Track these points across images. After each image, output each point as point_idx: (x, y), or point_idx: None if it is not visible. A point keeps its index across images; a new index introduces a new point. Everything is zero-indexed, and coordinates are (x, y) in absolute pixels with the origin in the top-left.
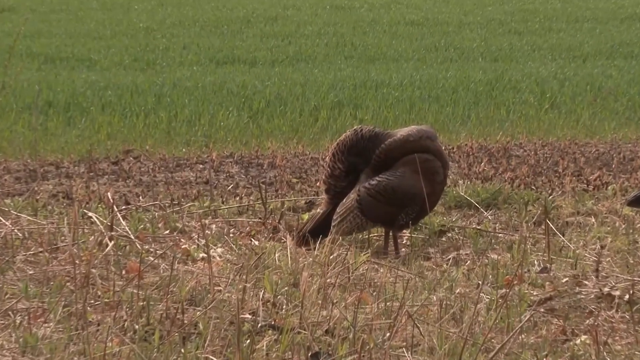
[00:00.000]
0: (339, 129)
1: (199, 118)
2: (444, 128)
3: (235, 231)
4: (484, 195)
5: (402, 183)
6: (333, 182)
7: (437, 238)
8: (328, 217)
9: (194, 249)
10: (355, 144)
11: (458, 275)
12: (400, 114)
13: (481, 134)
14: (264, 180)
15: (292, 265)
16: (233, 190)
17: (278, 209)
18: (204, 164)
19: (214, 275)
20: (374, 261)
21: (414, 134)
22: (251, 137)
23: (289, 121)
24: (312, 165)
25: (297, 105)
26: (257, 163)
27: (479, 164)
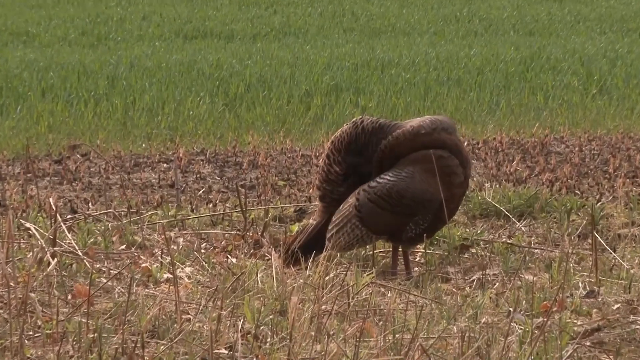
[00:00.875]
0: (336, 119)
1: (162, 106)
2: (466, 118)
3: (207, 246)
4: (516, 201)
5: (410, 186)
6: (329, 188)
7: (458, 254)
8: (322, 229)
9: (157, 268)
10: (355, 140)
11: (484, 301)
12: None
13: (513, 125)
14: (243, 183)
15: (279, 289)
16: (205, 195)
17: (261, 218)
18: (168, 163)
19: (182, 300)
20: (380, 283)
21: (426, 125)
22: (227, 129)
23: (274, 110)
24: (304, 164)
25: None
26: (235, 162)
27: (510, 163)
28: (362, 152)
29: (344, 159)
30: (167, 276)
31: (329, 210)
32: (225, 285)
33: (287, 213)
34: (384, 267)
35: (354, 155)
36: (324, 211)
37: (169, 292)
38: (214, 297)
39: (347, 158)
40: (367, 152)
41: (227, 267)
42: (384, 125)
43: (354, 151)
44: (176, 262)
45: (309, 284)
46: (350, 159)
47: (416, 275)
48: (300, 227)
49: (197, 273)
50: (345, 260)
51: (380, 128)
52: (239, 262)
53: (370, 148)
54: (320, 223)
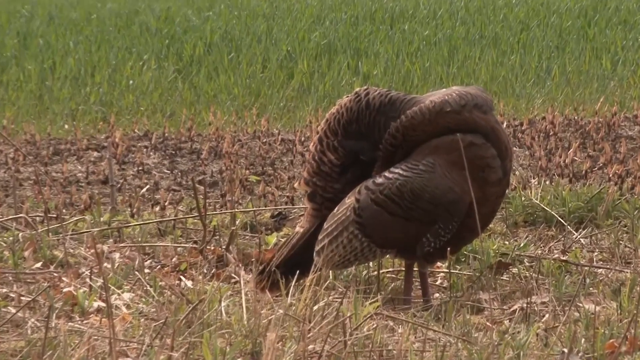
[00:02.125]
0: (329, 91)
1: (91, 73)
2: (505, 90)
3: (153, 264)
4: (574, 203)
5: (429, 183)
6: (321, 183)
7: (493, 276)
8: (311, 240)
9: (84, 294)
10: (357, 119)
11: (529, 339)
12: (432, 66)
13: (569, 100)
14: (201, 179)
15: (250, 322)
16: (150, 195)
17: (226, 227)
18: (100, 151)
19: (118, 338)
20: (388, 314)
21: (453, 100)
22: (180, 104)
23: (243, 79)
24: (284, 152)
25: (257, 52)
26: (191, 149)
27: (565, 151)
28: (366, 136)
29: (341, 143)
30: (98, 305)
31: (320, 214)
32: (177, 318)
33: (261, 219)
34: (394, 293)
35: (355, 139)
36: (314, 215)
37: (101, 327)
38: (161, 334)
39: (346, 143)
40: (373, 136)
41: (179, 293)
42: (395, 99)
43: (355, 134)
44: (111, 286)
45: (292, 315)
46: (349, 144)
47: (437, 304)
48: (280, 238)
49: (138, 301)
50: (340, 283)
51: (391, 104)
52: (196, 286)
53: (377, 130)
54: (308, 232)
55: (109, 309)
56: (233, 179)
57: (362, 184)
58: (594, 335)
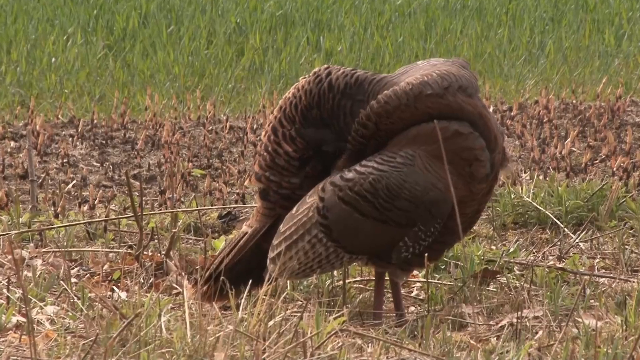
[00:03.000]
0: (286, 71)
1: (6, 49)
2: (492, 69)
3: (81, 272)
4: (572, 202)
5: (407, 178)
6: (275, 178)
7: (478, 286)
8: (262, 242)
9: (0, 307)
10: (319, 103)
11: (519, 359)
12: (407, 40)
13: (566, 81)
14: (137, 173)
15: (195, 340)
16: (77, 191)
17: (166, 229)
18: (17, 140)
19: (41, 358)
20: (355, 331)
21: (433, 81)
22: (112, 86)
23: (185, 56)
24: (233, 141)
25: (201, 25)
26: (124, 138)
27: (562, 141)
28: (329, 123)
29: (299, 132)
30: (17, 320)
31: (274, 213)
32: (109, 335)
33: (207, 220)
34: (362, 306)
35: (316, 126)
36: (266, 215)
37: (21, 345)
38: (91, 353)
39: (305, 131)
40: (338, 123)
41: (112, 306)
42: (363, 80)
43: (316, 121)
44: (32, 298)
45: (243, 332)
46: (309, 133)
47: (412, 319)
48: (230, 241)
49: (64, 315)
50: (300, 294)
51: (357, 85)
52: (132, 298)
53: (342, 117)
54: (258, 233)
55: (29, 324)
56: (174, 173)
57: (326, 180)
58: (595, 356)
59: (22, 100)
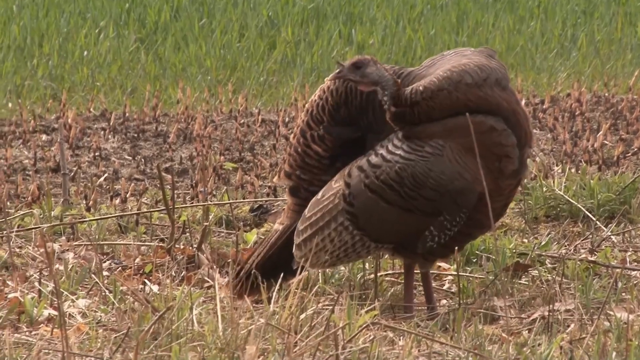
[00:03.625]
0: (317, 64)
1: (39, 42)
2: (524, 62)
3: (113, 266)
4: (603, 195)
5: (434, 167)
6: (306, 177)
7: (510, 279)
8: (293, 239)
9: (33, 300)
10: (346, 102)
11: (551, 353)
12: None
13: (598, 74)
14: (169, 166)
15: (227, 333)
16: (108, 184)
17: (197, 222)
18: (50, 133)
19: (72, 351)
20: (387, 324)
21: (473, 71)
22: (144, 79)
23: (217, 49)
24: (265, 135)
25: (233, 18)
26: (156, 131)
27: (594, 134)
28: (358, 118)
29: (328, 131)
30: (48, 313)
31: (304, 209)
32: (141, 328)
33: (239, 213)
34: (394, 299)
35: (345, 124)
36: (297, 211)
37: (53, 339)
38: (123, 346)
39: (335, 130)
40: (367, 118)
41: (144, 299)
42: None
43: (345, 118)
44: (63, 292)
45: (275, 325)
46: (338, 131)
47: (444, 312)
48: (261, 235)
49: (96, 308)
50: (331, 287)
51: None
52: (164, 292)
53: (372, 111)
54: (289, 229)
55: (61, 318)
56: (205, 167)
57: (352, 164)
58: (627, 348)
59: (54, 93)
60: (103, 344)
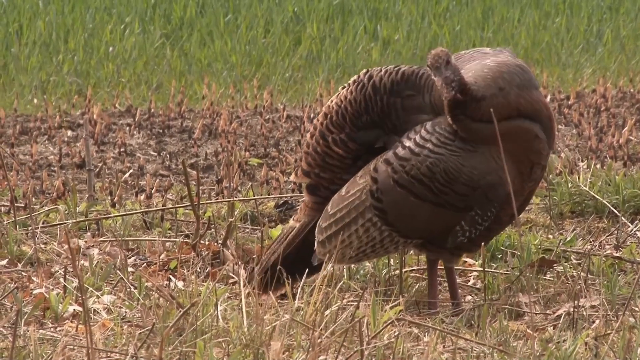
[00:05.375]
0: (343, 60)
1: (64, 38)
2: (549, 58)
3: (138, 262)
4: (629, 191)
5: (466, 162)
6: (326, 175)
7: (535, 275)
8: (311, 237)
9: (58, 296)
10: (366, 109)
11: (576, 349)
12: (464, 29)
13: (623, 69)
14: (194, 162)
15: (251, 329)
16: (134, 180)
17: (222, 218)
18: (75, 129)
19: (97, 347)
20: (412, 320)
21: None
22: (169, 74)
23: (242, 45)
24: (290, 131)
25: (259, 13)
26: (181, 127)
27: (619, 130)
28: (381, 123)
29: (351, 137)
30: (73, 309)
31: (323, 207)
32: (166, 324)
33: (264, 209)
34: (419, 295)
35: (368, 128)
36: (315, 209)
37: (77, 334)
38: (148, 342)
39: (357, 135)
40: (390, 121)
41: (169, 295)
42: (410, 74)
43: (367, 124)
44: (88, 287)
45: (299, 321)
46: (362, 136)
47: (469, 309)
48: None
49: (121, 304)
50: (356, 283)
51: (405, 79)
52: (189, 288)
53: (394, 115)
54: (307, 226)
55: (86, 313)
56: (231, 163)
57: (378, 158)
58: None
59: (80, 89)
60: (128, 340)
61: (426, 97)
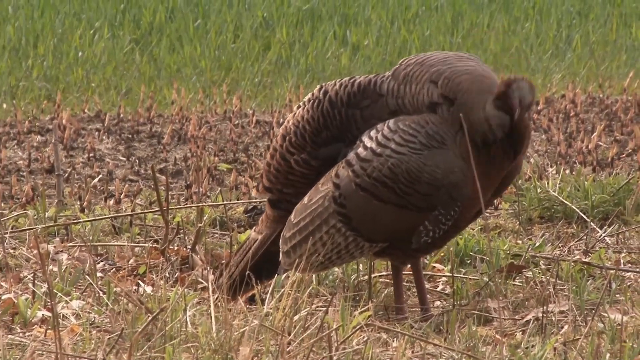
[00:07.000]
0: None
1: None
2: (518, 63)
3: (107, 267)
4: (598, 196)
5: (428, 161)
6: (290, 190)
7: (504, 281)
8: (273, 249)
9: (26, 301)
10: (325, 124)
11: (545, 354)
12: (433, 34)
13: (592, 75)
14: (163, 167)
15: (220, 335)
16: (103, 185)
17: (192, 223)
18: (44, 134)
19: (66, 352)
20: (380, 326)
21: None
22: (138, 80)
23: (212, 50)
24: (260, 136)
25: (228, 19)
26: (150, 132)
27: (588, 135)
28: (342, 136)
29: (313, 155)
30: (42, 314)
31: (285, 219)
32: (134, 329)
33: (233, 214)
34: (387, 301)
35: (329, 144)
36: (278, 221)
37: (46, 340)
38: (116, 347)
39: (319, 152)
40: (351, 133)
41: (137, 301)
42: (367, 84)
43: (328, 139)
44: (57, 293)
45: (268, 327)
46: (324, 152)
47: (438, 314)
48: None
49: (90, 310)
50: (325, 289)
51: (362, 91)
52: (157, 293)
53: (354, 125)
54: (269, 238)
55: (54, 319)
56: (200, 168)
57: (339, 164)
58: (621, 350)
59: (49, 94)
60: (96, 345)
61: (391, 101)
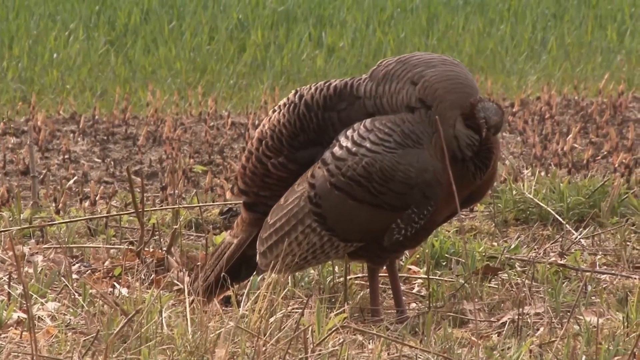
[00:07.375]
0: (287, 67)
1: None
2: (494, 65)
3: (82, 268)
4: (573, 198)
5: (402, 160)
6: (266, 193)
7: (479, 283)
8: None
9: (1, 303)
10: (302, 128)
11: (520, 356)
12: (409, 36)
13: (568, 77)
14: (138, 169)
15: (196, 337)
16: (78, 187)
17: (167, 225)
18: (19, 136)
19: (42, 355)
20: (356, 327)
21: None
22: (113, 81)
23: (187, 52)
24: (235, 138)
25: (203, 20)
26: (126, 134)
27: (563, 137)
28: (320, 139)
29: (290, 158)
30: (18, 316)
31: (261, 222)
32: (110, 331)
33: (209, 216)
34: (363, 303)
35: (306, 147)
36: (253, 224)
37: (22, 342)
38: (92, 349)
39: (297, 156)
40: (328, 136)
41: (113, 302)
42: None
43: (305, 143)
44: (32, 294)
45: (244, 328)
46: (301, 156)
47: (413, 316)
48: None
49: (65, 311)
50: (301, 290)
51: (338, 94)
52: (133, 295)
53: (332, 128)
54: (245, 242)
55: (30, 321)
56: (175, 170)
57: (315, 165)
58: (596, 352)
59: (24, 96)
60: (72, 347)
61: (368, 103)
